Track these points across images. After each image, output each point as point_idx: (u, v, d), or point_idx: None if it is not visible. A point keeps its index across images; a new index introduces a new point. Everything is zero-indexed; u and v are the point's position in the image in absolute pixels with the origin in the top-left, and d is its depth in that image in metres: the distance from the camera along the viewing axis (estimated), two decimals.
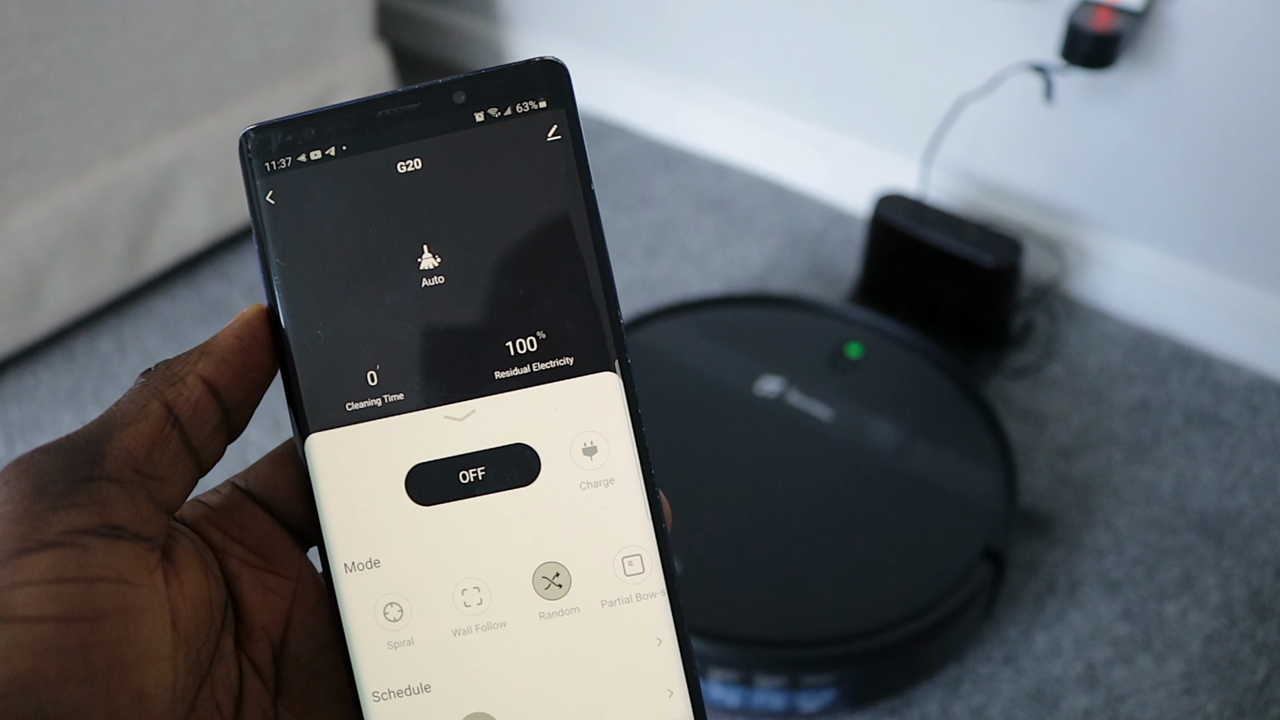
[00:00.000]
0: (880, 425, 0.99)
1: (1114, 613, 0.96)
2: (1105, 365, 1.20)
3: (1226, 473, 1.09)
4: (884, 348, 1.07)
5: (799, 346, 1.07)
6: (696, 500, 0.93)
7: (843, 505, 0.94)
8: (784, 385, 1.02)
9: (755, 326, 1.10)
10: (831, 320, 1.10)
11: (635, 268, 1.34)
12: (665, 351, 1.06)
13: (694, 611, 0.83)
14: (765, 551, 0.90)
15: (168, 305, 1.30)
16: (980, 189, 1.31)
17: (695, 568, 0.88)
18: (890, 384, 1.04)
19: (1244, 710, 0.89)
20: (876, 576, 0.88)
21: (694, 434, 0.99)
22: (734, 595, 0.87)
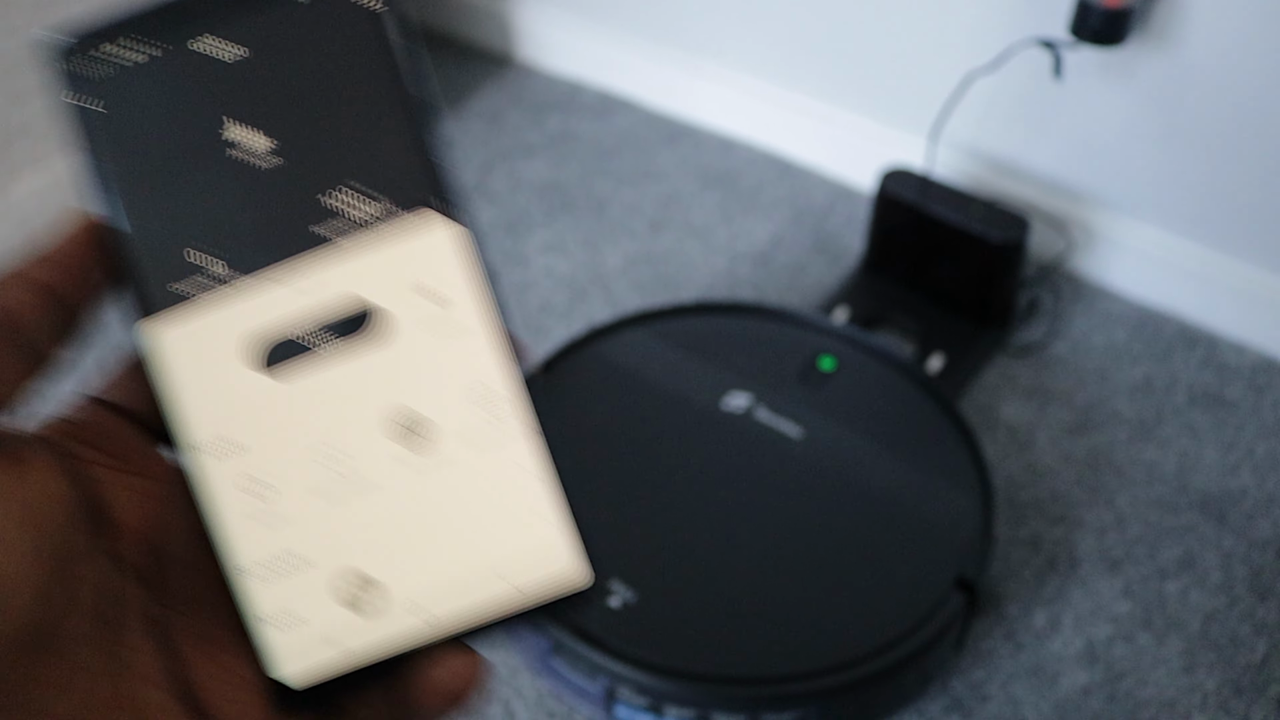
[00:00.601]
0: (852, 444, 0.94)
1: (1115, 590, 0.96)
2: (1110, 344, 1.20)
3: (1229, 453, 1.08)
4: (858, 360, 1.01)
5: (770, 359, 1.01)
6: (654, 524, 0.88)
7: (809, 531, 0.88)
8: (752, 400, 0.97)
9: (725, 337, 1.04)
10: (804, 331, 1.04)
11: (639, 241, 1.34)
12: (628, 364, 1.01)
13: (647, 645, 0.80)
14: (725, 579, 0.84)
15: None
16: (987, 166, 1.30)
17: (650, 596, 0.82)
18: (863, 399, 0.98)
19: (1243, 689, 0.89)
20: (843, 608, 0.83)
21: (655, 452, 0.93)
22: (691, 627, 0.82)
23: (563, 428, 0.93)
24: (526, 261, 1.31)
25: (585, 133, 1.54)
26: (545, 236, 1.35)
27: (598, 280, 1.28)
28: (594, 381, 0.99)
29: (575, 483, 0.28)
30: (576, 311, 1.24)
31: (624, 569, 0.84)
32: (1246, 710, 0.88)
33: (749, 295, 1.25)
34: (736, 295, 1.25)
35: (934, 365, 1.14)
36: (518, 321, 1.23)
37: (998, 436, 1.09)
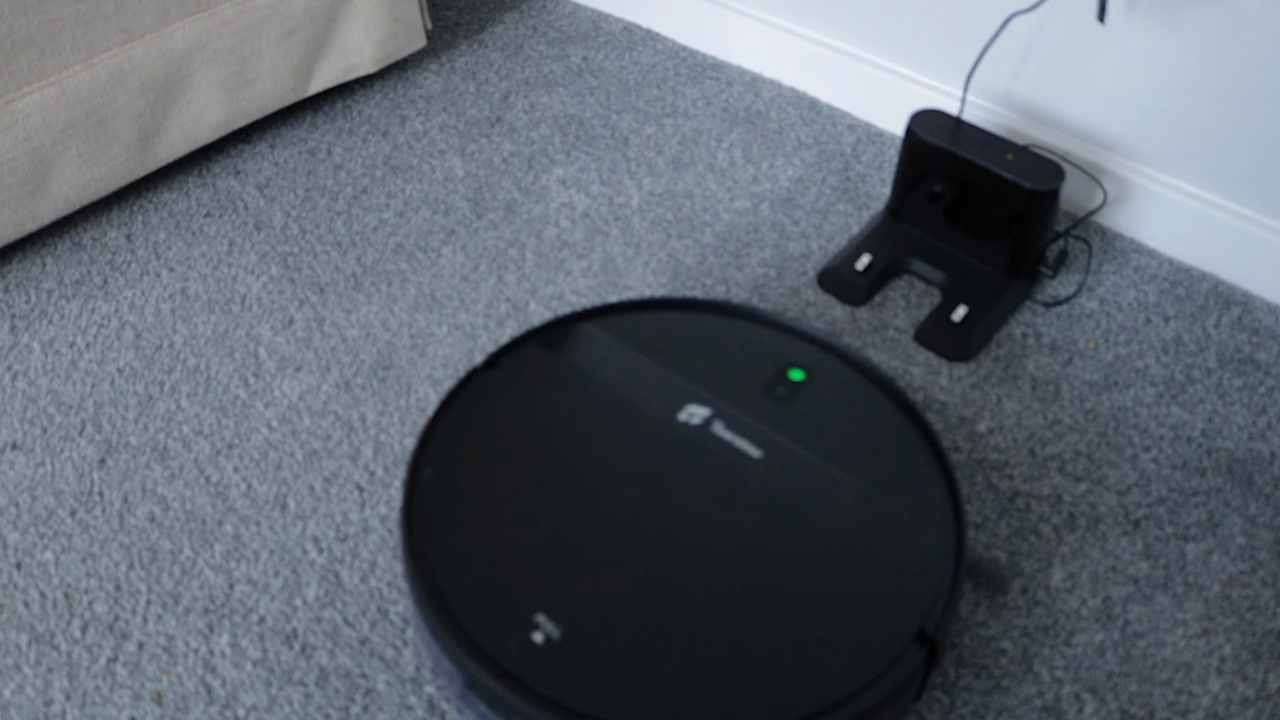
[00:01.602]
0: (817, 469, 0.83)
1: (1135, 550, 0.94)
2: (1141, 301, 1.17)
3: (1260, 416, 1.05)
4: (832, 373, 0.91)
5: (735, 366, 0.91)
6: (589, 549, 0.78)
7: (762, 566, 0.77)
8: (711, 413, 0.87)
9: (690, 339, 0.94)
10: (777, 335, 0.94)
11: (660, 179, 1.30)
12: (581, 363, 0.91)
13: (570, 688, 0.70)
14: (663, 617, 0.74)
15: (179, 198, 1.27)
16: (1020, 114, 1.26)
17: (577, 632, 0.73)
18: (834, 418, 0.87)
19: (1261, 654, 0.87)
20: (790, 655, 0.73)
21: (597, 465, 0.84)
22: (620, 669, 0.72)
23: (498, 432, 0.85)
24: (545, 196, 1.28)
25: (608, 66, 1.50)
26: (564, 171, 1.32)
27: (617, 217, 1.25)
28: (540, 381, 0.90)
29: (502, 496, 0.25)
30: (595, 248, 1.21)
31: (550, 600, 0.74)
32: (1264, 676, 0.86)
33: (772, 238, 1.22)
34: (759, 238, 1.22)
35: (958, 315, 1.11)
36: (534, 258, 1.20)
37: (1021, 389, 1.07)
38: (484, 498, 0.80)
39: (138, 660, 0.85)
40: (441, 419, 0.87)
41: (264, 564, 0.91)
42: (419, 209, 1.26)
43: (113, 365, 1.07)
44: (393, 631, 0.87)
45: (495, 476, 0.82)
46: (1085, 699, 0.84)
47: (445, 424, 0.86)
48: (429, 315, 1.13)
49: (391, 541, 0.93)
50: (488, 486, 0.81)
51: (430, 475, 0.82)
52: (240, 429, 1.02)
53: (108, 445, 1.00)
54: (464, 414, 0.87)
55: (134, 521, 0.94)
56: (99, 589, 0.89)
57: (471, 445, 0.85)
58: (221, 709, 0.82)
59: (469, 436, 0.85)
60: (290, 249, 1.21)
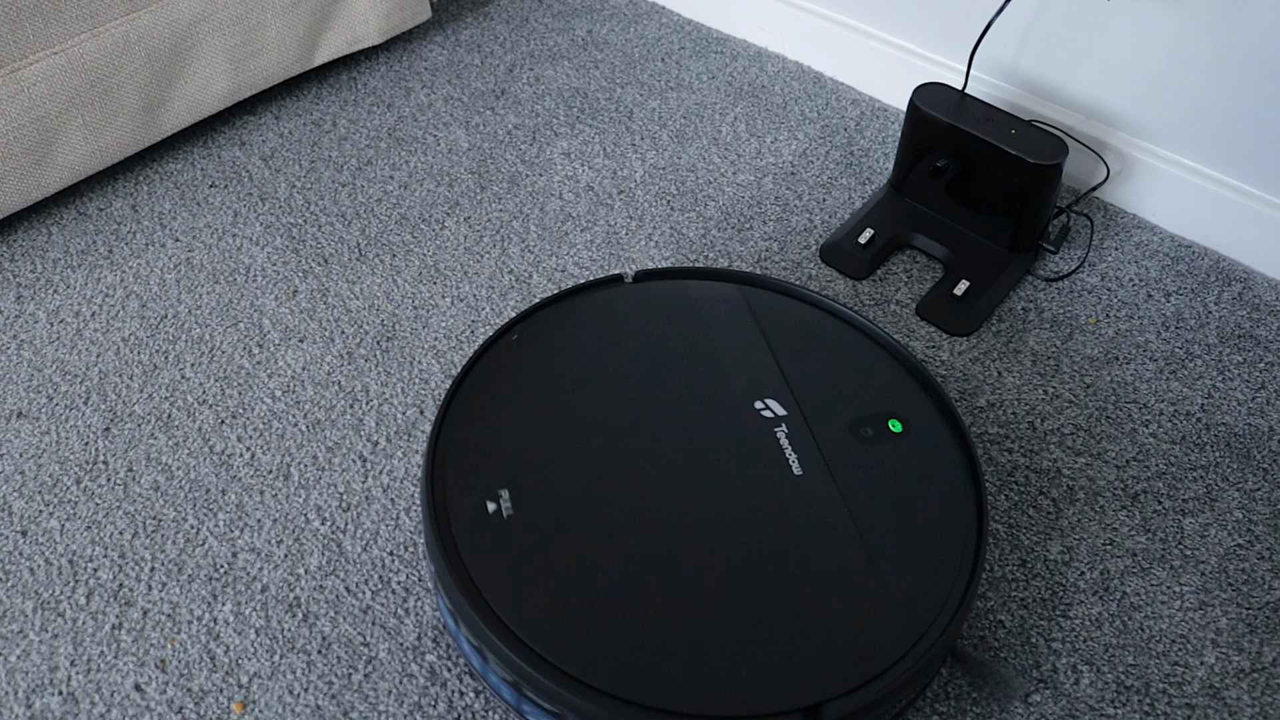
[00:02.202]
0: (837, 520, 0.79)
1: (1133, 524, 0.94)
2: (1142, 276, 1.17)
3: (1259, 392, 1.06)
4: (929, 437, 0.85)
5: (846, 386, 0.88)
6: (606, 509, 0.78)
7: (730, 575, 0.75)
8: (786, 416, 0.85)
9: (822, 343, 0.91)
10: (907, 380, 0.89)
11: (663, 152, 1.30)
12: (702, 316, 0.92)
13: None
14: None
15: (184, 168, 1.28)
16: (1024, 90, 1.26)
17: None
18: (897, 484, 0.82)
19: (1256, 627, 0.88)
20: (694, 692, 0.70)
21: (642, 416, 0.84)
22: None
23: (585, 344, 0.84)
24: (549, 169, 1.28)
25: (613, 39, 1.49)
26: (568, 144, 1.32)
27: (621, 190, 1.25)
28: (661, 310, 0.93)
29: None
30: (598, 220, 1.21)
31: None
32: (1259, 649, 0.86)
33: (774, 211, 1.22)
34: (761, 211, 1.22)
35: (960, 290, 1.11)
36: (537, 230, 1.20)
37: (1022, 363, 1.07)
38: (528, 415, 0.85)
39: (142, 627, 0.86)
40: (582, 317, 0.92)
41: (267, 533, 0.92)
42: (423, 181, 1.26)
43: (118, 335, 1.08)
44: (395, 600, 0.87)
45: (556, 388, 0.87)
46: (1082, 670, 0.85)
47: (584, 317, 0.93)
48: (432, 286, 1.14)
49: (393, 511, 0.94)
50: (543, 401, 0.86)
51: (517, 339, 0.90)
52: (244, 399, 1.02)
53: (112, 414, 1.01)
54: (598, 311, 0.93)
55: (138, 490, 0.95)
56: (104, 557, 0.90)
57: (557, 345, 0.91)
58: (225, 676, 0.83)
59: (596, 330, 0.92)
60: (295, 220, 1.21)
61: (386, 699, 0.81)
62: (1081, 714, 0.82)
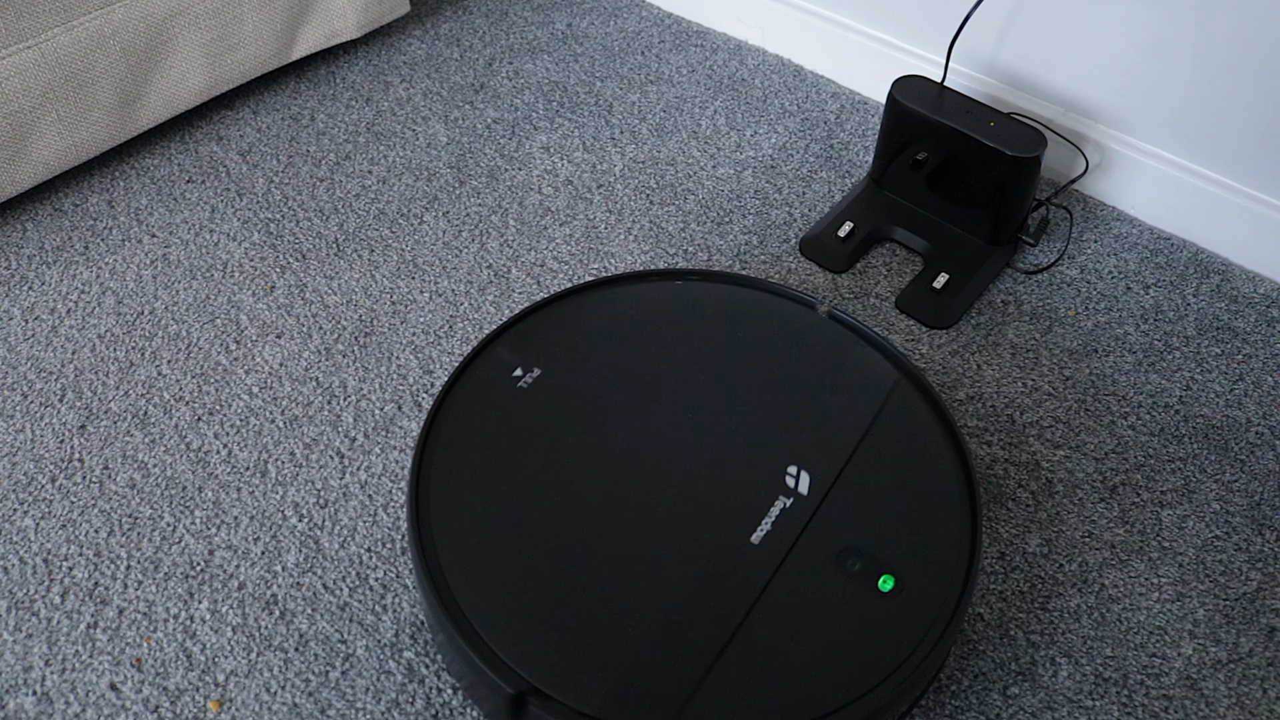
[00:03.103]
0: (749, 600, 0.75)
1: (1111, 516, 0.95)
2: (1121, 269, 1.17)
3: (1237, 384, 1.06)
4: (920, 598, 0.76)
5: (891, 515, 0.80)
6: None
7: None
8: (782, 502, 0.80)
9: (903, 463, 0.83)
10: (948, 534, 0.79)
11: (643, 146, 1.30)
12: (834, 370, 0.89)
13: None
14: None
15: (161, 164, 1.27)
16: (1003, 82, 1.26)
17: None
18: (817, 617, 0.75)
19: (1233, 618, 0.88)
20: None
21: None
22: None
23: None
24: (528, 163, 1.28)
25: (592, 33, 1.49)
26: (548, 138, 1.31)
27: (600, 184, 1.25)
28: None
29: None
30: (577, 215, 1.21)
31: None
32: (1236, 639, 0.87)
33: (754, 205, 1.22)
34: (741, 205, 1.22)
35: (939, 283, 1.11)
36: (516, 225, 1.20)
37: (1001, 356, 1.07)
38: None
39: (117, 626, 0.85)
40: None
41: (244, 530, 0.91)
42: (401, 175, 1.26)
43: (93, 331, 1.07)
44: (372, 597, 0.87)
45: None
46: (1060, 662, 0.85)
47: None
48: (410, 282, 1.13)
49: (371, 507, 0.93)
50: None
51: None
52: (221, 395, 1.02)
53: (88, 411, 1.00)
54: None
55: (114, 488, 0.94)
56: (79, 555, 0.89)
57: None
58: (201, 674, 0.82)
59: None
60: (272, 215, 1.20)
61: (364, 696, 0.81)
62: (1059, 706, 0.82)
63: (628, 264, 1.15)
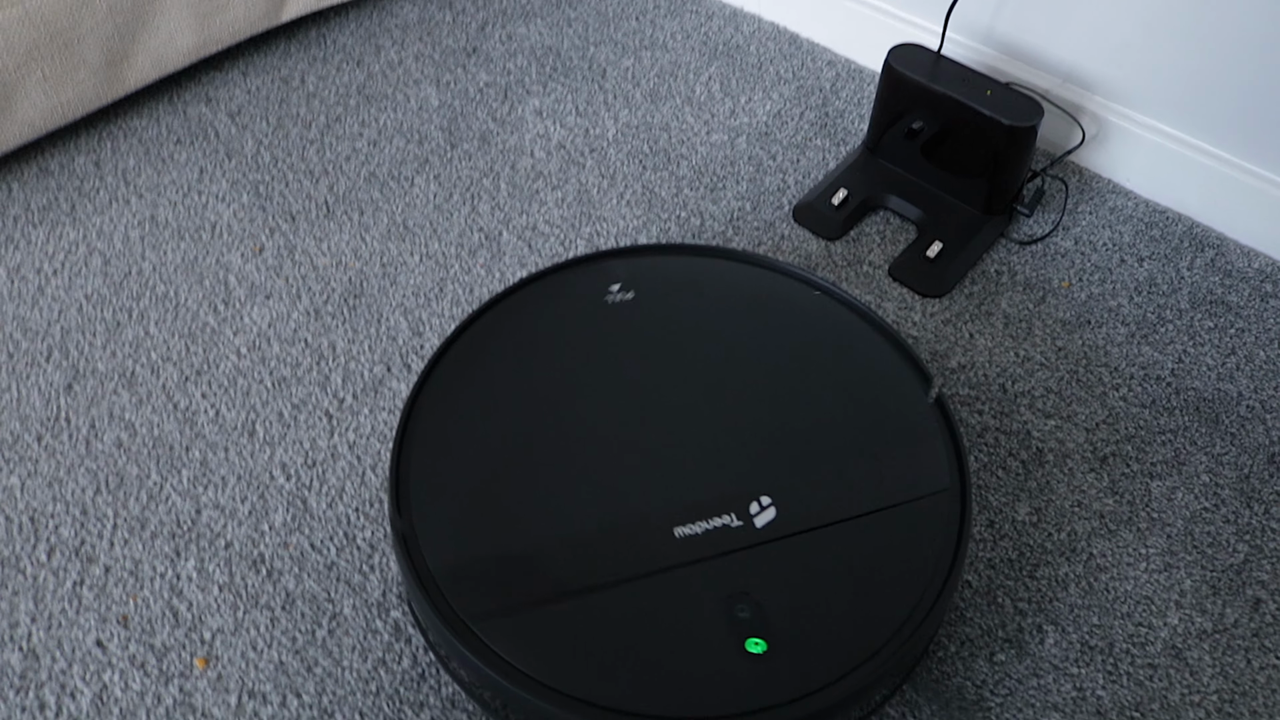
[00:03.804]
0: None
1: (1101, 487, 0.95)
2: (1116, 241, 1.16)
3: (1229, 358, 1.06)
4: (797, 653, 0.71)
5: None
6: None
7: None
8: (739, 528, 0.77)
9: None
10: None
11: (636, 111, 1.29)
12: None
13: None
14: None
15: (149, 125, 1.25)
16: (1000, 52, 1.25)
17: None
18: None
19: (1220, 589, 0.88)
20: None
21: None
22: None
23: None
24: (520, 127, 1.27)
25: None
26: (540, 102, 1.30)
27: (593, 149, 1.24)
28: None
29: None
30: (570, 179, 1.20)
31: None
32: (1221, 610, 0.87)
33: (748, 171, 1.21)
34: (735, 171, 1.21)
35: (933, 251, 1.11)
36: (508, 189, 1.19)
37: (994, 326, 1.07)
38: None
39: (104, 584, 0.85)
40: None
41: (231, 490, 0.91)
42: (392, 138, 1.25)
43: (80, 291, 1.06)
44: (359, 557, 0.87)
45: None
46: (1046, 630, 0.85)
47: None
48: (401, 244, 1.12)
49: (359, 468, 0.93)
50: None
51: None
52: (209, 356, 1.01)
53: (75, 371, 0.99)
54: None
55: (101, 447, 0.94)
56: (65, 514, 0.89)
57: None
58: (188, 632, 0.82)
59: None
60: (262, 177, 1.19)
61: (350, 655, 0.81)
62: (1045, 673, 0.82)
63: (619, 228, 1.14)
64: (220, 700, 0.78)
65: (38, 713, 0.77)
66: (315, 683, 0.79)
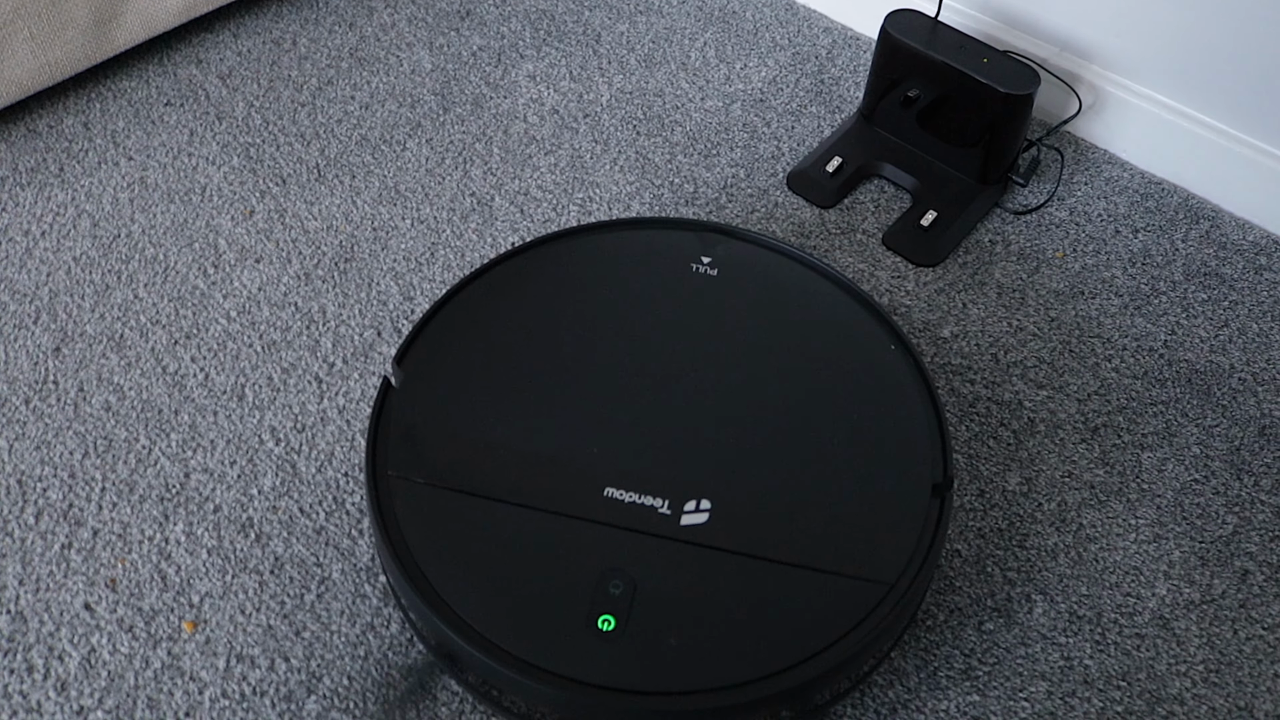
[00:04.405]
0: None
1: (1091, 457, 0.95)
2: (1111, 212, 1.16)
3: (1222, 330, 1.06)
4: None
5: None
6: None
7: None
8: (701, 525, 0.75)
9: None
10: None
11: (631, 76, 1.28)
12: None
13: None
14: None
15: (138, 86, 1.24)
16: (998, 20, 1.24)
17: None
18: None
19: (1208, 560, 0.88)
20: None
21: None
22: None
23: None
24: (513, 91, 1.25)
25: None
26: (534, 66, 1.29)
27: (586, 114, 1.23)
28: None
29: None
30: (563, 144, 1.19)
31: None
32: (1209, 581, 0.87)
33: (742, 138, 1.21)
34: (729, 138, 1.20)
35: (927, 220, 1.10)
36: (500, 153, 1.18)
37: (987, 296, 1.06)
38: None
39: (92, 547, 0.84)
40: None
41: (220, 453, 0.91)
42: (385, 102, 1.24)
43: (68, 254, 1.05)
44: (349, 521, 0.87)
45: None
46: (1035, 599, 0.85)
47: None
48: (392, 208, 1.11)
49: (349, 432, 0.92)
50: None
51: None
52: (198, 319, 1.00)
53: (63, 334, 0.99)
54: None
55: (89, 410, 0.93)
56: (53, 476, 0.89)
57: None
58: (176, 595, 0.82)
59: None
60: (252, 139, 1.18)
61: (339, 619, 0.81)
62: (1034, 642, 0.83)
63: (613, 194, 1.13)
64: (208, 664, 0.78)
65: (25, 675, 0.77)
66: (303, 646, 0.79)
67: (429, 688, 0.77)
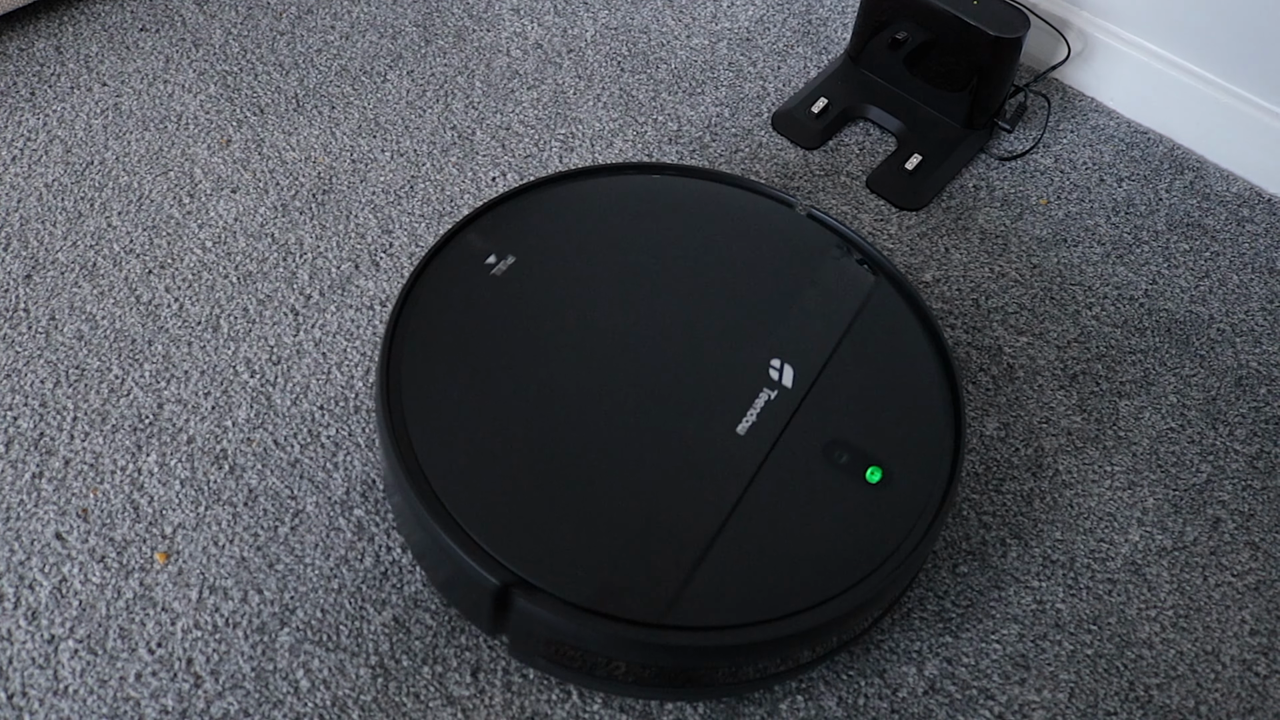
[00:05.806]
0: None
1: (1069, 404, 0.95)
2: (1096, 161, 1.15)
3: (1203, 280, 1.06)
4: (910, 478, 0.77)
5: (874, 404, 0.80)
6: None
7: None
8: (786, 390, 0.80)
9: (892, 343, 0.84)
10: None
11: (616, 12, 1.26)
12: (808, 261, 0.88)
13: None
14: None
15: (113, 10, 1.21)
16: None
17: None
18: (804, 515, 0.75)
19: (1181, 508, 0.89)
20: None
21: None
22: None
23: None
24: (497, 24, 1.23)
25: None
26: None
27: (570, 49, 1.21)
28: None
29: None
30: (546, 79, 1.17)
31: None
32: (1182, 529, 0.88)
33: (727, 77, 1.19)
34: (714, 76, 1.19)
35: (911, 164, 1.09)
36: (482, 87, 1.16)
37: (970, 241, 1.06)
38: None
39: (63, 476, 0.84)
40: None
41: (194, 384, 0.90)
42: (365, 32, 1.21)
43: (40, 180, 1.03)
44: (324, 454, 0.86)
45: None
46: (1009, 544, 0.86)
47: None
48: (371, 140, 1.10)
49: (325, 365, 0.91)
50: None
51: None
52: (173, 249, 0.99)
53: (34, 261, 0.97)
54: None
55: (61, 339, 0.92)
56: (24, 405, 0.87)
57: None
58: (148, 526, 0.81)
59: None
60: (230, 68, 1.16)
61: (313, 552, 0.80)
62: (1006, 585, 0.83)
63: (595, 130, 1.12)
64: (181, 595, 0.78)
65: None
66: (277, 579, 0.79)
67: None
